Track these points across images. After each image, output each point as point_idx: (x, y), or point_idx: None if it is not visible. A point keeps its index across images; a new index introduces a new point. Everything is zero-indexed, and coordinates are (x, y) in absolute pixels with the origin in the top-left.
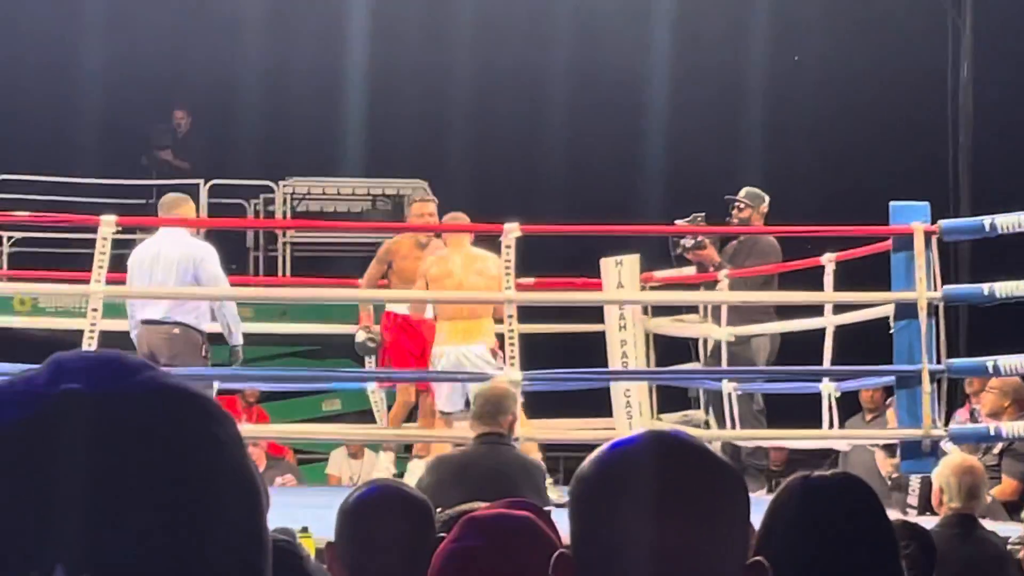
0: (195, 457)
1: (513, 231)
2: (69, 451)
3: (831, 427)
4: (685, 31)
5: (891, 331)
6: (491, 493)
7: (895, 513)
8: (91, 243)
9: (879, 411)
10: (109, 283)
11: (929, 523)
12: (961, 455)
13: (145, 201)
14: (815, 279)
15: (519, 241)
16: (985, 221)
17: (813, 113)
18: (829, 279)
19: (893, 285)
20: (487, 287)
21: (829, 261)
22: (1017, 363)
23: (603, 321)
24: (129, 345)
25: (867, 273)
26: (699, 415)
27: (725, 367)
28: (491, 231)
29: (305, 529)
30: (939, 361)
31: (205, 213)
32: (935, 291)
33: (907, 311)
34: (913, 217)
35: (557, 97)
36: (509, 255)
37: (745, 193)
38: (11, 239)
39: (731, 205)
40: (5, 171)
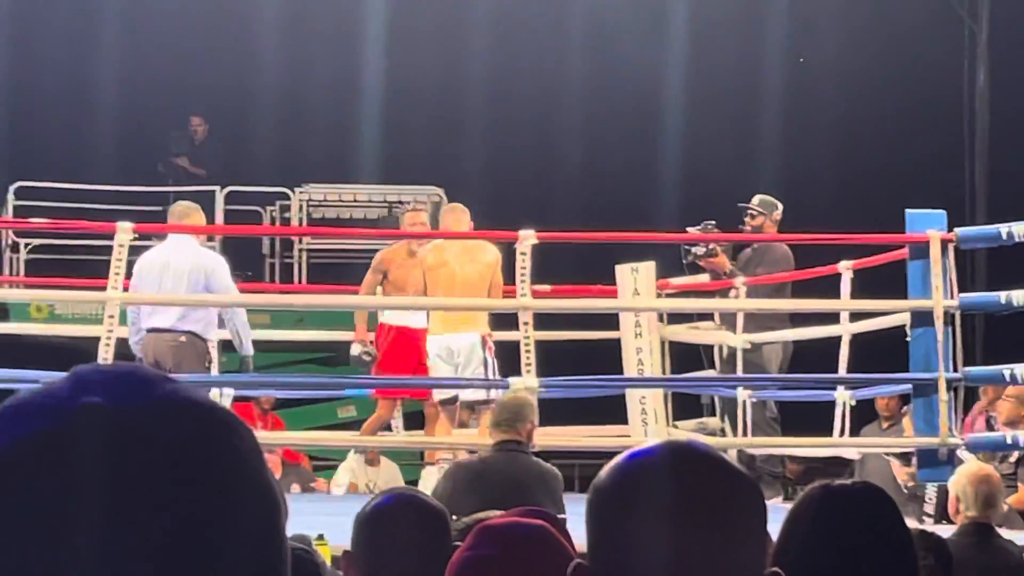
0: (214, 469)
1: (529, 238)
2: (88, 464)
3: (842, 435)
4: (700, 39)
5: (907, 339)
6: (507, 500)
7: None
8: (108, 250)
9: (895, 419)
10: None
11: (946, 532)
12: (978, 464)
13: (162, 208)
14: (832, 287)
15: (535, 248)
16: (1002, 229)
17: (829, 120)
18: (846, 287)
19: (909, 293)
20: (481, 275)
21: (846, 269)
22: None
23: (619, 328)
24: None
25: (883, 281)
26: (715, 422)
27: (741, 374)
28: (507, 238)
29: (321, 536)
30: (956, 369)
31: (221, 220)
32: (951, 299)
33: (923, 319)
34: (929, 225)
35: (572, 104)
36: (525, 262)
37: (758, 201)
38: (28, 246)
39: (744, 213)
40: (22, 178)
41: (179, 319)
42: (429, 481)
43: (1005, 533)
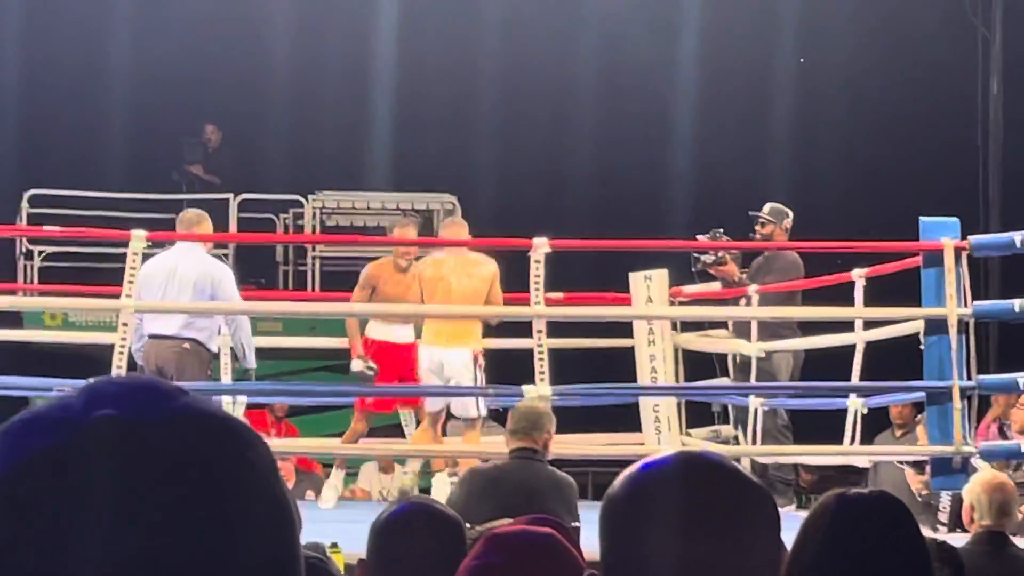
0: (229, 482)
1: (542, 246)
2: (102, 478)
3: (854, 443)
4: (712, 47)
5: (921, 347)
6: (522, 508)
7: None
8: (122, 258)
9: (909, 428)
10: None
11: (960, 540)
12: (992, 472)
13: (175, 216)
14: (845, 294)
15: (548, 256)
16: (1015, 237)
17: (842, 128)
18: (859, 295)
19: (923, 301)
20: (476, 290)
21: (859, 277)
22: None
23: (632, 336)
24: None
25: (897, 289)
26: (728, 430)
27: (754, 382)
28: (520, 246)
29: (335, 545)
30: (969, 377)
31: (235, 227)
32: (965, 307)
33: (937, 327)
34: (943, 233)
35: (585, 112)
36: (538, 270)
37: (768, 209)
38: (42, 253)
39: (754, 221)
40: (36, 186)
41: (183, 326)
42: (440, 488)
43: (1020, 542)
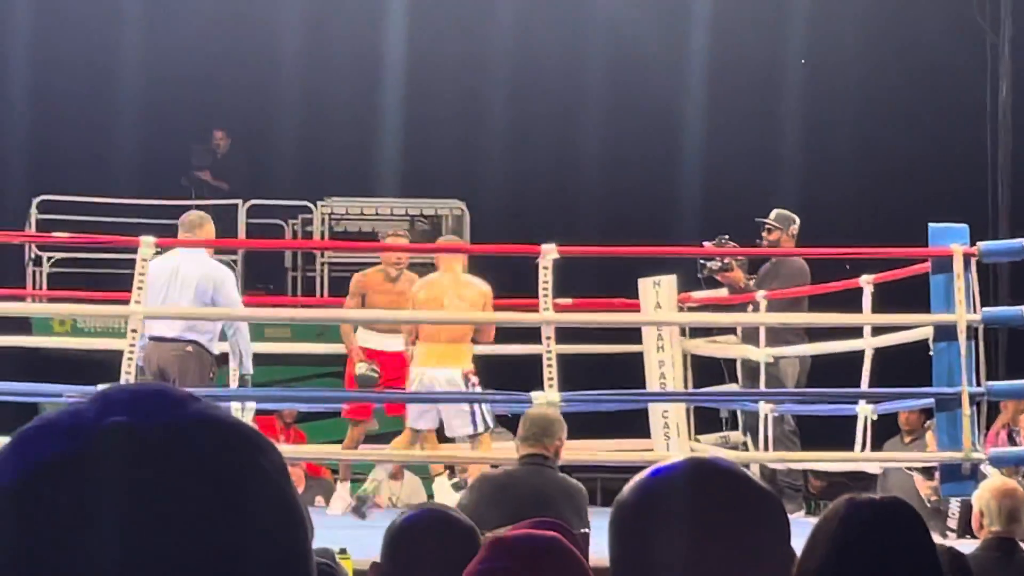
0: (240, 488)
1: (551, 252)
2: (115, 484)
3: (863, 449)
4: (721, 54)
5: (930, 353)
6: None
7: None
8: (131, 264)
9: (918, 434)
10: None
11: (969, 546)
12: (1001, 478)
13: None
14: (854, 300)
15: (557, 262)
16: None
17: (851, 134)
18: (868, 301)
19: (932, 307)
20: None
21: (868, 283)
22: None
23: (641, 342)
24: None
25: (906, 295)
26: (737, 436)
27: (763, 388)
28: (529, 252)
29: (344, 551)
30: (979, 384)
31: (244, 233)
32: (974, 313)
33: (946, 333)
34: (952, 239)
35: (593, 117)
36: (547, 276)
37: (775, 215)
38: (51, 259)
39: (761, 227)
40: (45, 192)
41: (185, 329)
42: (441, 492)
43: None
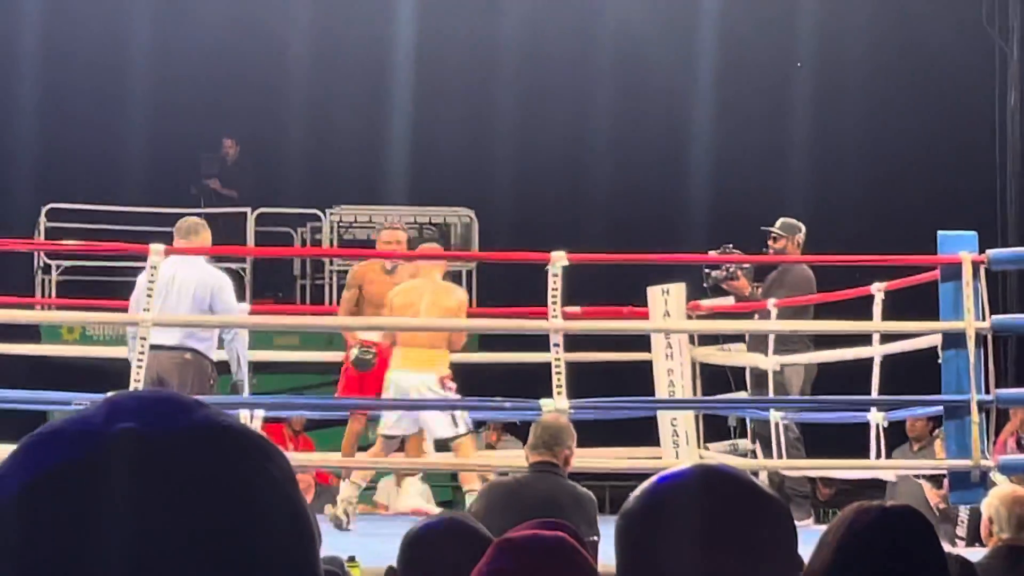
0: (248, 495)
1: (560, 260)
2: (123, 489)
3: (878, 457)
4: (729, 61)
5: (939, 361)
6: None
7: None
8: (139, 271)
9: (926, 442)
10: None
11: (978, 554)
12: (1011, 485)
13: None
14: (863, 308)
15: (566, 270)
16: None
17: (860, 142)
18: (878, 308)
19: (941, 315)
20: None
21: (878, 290)
22: None
23: (650, 350)
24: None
25: (915, 303)
26: (746, 444)
27: (772, 396)
28: (538, 260)
29: (352, 558)
30: (988, 391)
31: (253, 242)
32: (983, 321)
33: (955, 341)
34: (961, 247)
35: (602, 125)
36: (556, 284)
37: (780, 224)
38: (60, 267)
39: (767, 235)
40: (54, 200)
41: (184, 336)
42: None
43: None
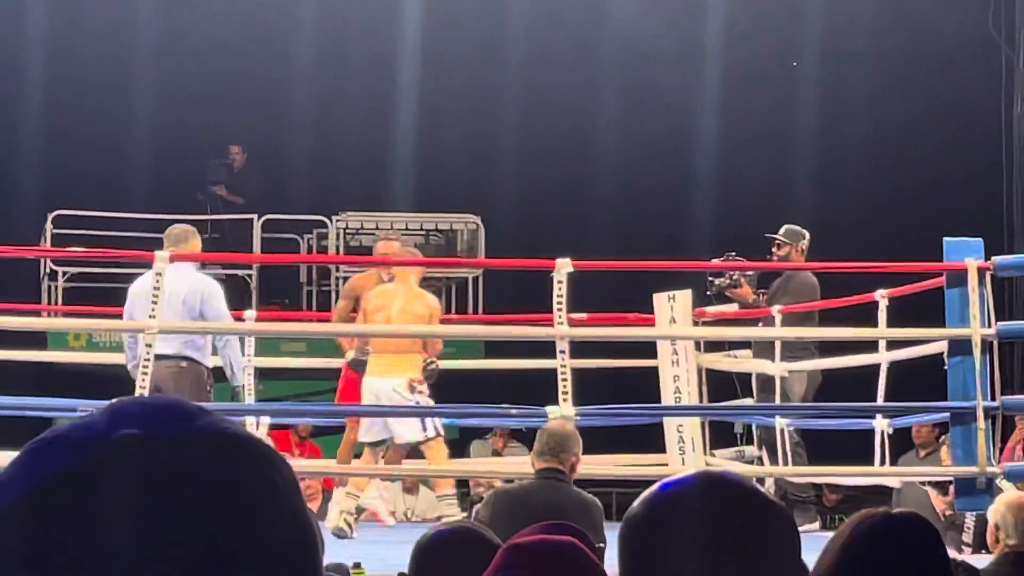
0: (251, 501)
1: (565, 267)
2: (127, 495)
3: (883, 463)
4: (735, 69)
5: (945, 368)
6: None
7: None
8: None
9: (932, 448)
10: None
11: (984, 561)
12: (1017, 492)
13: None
14: (868, 315)
15: (571, 277)
16: None
17: (866, 149)
18: (883, 315)
19: (947, 321)
20: (411, 324)
21: (883, 297)
22: None
23: (656, 356)
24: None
25: (920, 310)
26: (752, 450)
27: (779, 403)
28: (543, 267)
29: (358, 565)
30: (994, 398)
31: (259, 248)
32: (989, 328)
33: (961, 348)
34: (967, 253)
35: (607, 132)
36: (561, 290)
37: (784, 231)
38: (66, 274)
39: (771, 243)
40: (61, 207)
41: (179, 345)
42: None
43: None
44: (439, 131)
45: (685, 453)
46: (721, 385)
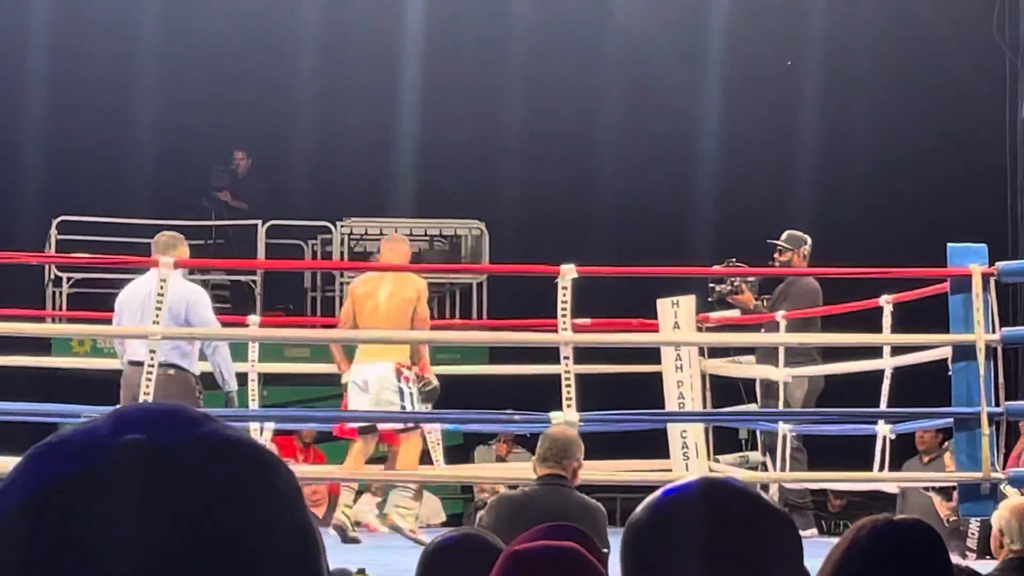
0: (254, 507)
1: (569, 272)
2: (130, 501)
3: (882, 469)
4: (737, 74)
5: (949, 373)
6: None
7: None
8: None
9: (936, 454)
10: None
11: (988, 567)
12: (1021, 498)
13: (204, 242)
14: (870, 320)
15: (576, 282)
16: None
17: (869, 154)
18: (887, 321)
19: (951, 327)
20: (400, 309)
21: (887, 303)
22: None
23: (659, 362)
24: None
25: (924, 315)
26: (756, 456)
27: (782, 408)
28: (548, 272)
29: (362, 571)
30: (998, 404)
31: (263, 254)
32: (993, 333)
33: (965, 353)
34: (971, 259)
35: (610, 137)
36: (565, 296)
37: (786, 236)
38: (71, 280)
39: (772, 248)
40: (65, 213)
41: (167, 352)
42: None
43: None
44: (443, 136)
45: (689, 459)
46: (725, 391)
